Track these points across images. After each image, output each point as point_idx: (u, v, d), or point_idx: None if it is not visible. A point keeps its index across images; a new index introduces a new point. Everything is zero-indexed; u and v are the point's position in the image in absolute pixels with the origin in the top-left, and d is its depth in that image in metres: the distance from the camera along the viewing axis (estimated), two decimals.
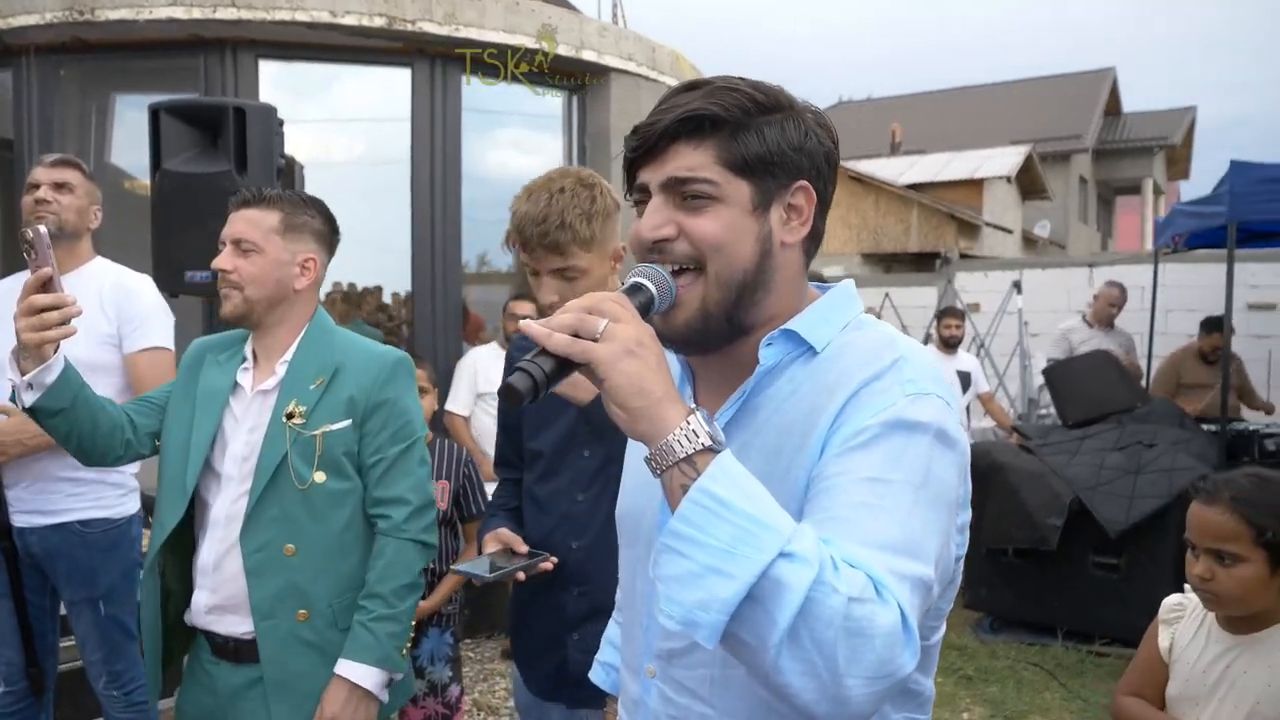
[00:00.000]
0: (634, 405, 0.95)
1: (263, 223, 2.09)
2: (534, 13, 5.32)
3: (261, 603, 2.00)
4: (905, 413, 1.02)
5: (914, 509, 0.97)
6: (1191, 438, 5.30)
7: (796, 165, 1.12)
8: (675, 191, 1.10)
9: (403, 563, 2.06)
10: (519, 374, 0.96)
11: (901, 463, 0.99)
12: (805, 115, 1.14)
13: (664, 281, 1.09)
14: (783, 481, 1.07)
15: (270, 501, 2.01)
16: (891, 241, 17.87)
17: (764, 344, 1.13)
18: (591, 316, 0.97)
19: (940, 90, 28.20)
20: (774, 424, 1.11)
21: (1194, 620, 2.00)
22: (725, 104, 1.08)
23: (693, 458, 0.93)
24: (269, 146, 3.93)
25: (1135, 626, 4.70)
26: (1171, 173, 26.33)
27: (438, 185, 5.38)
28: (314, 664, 2.02)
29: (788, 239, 1.14)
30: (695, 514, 0.90)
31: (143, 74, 5.56)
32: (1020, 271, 9.29)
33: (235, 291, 2.07)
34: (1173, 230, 6.37)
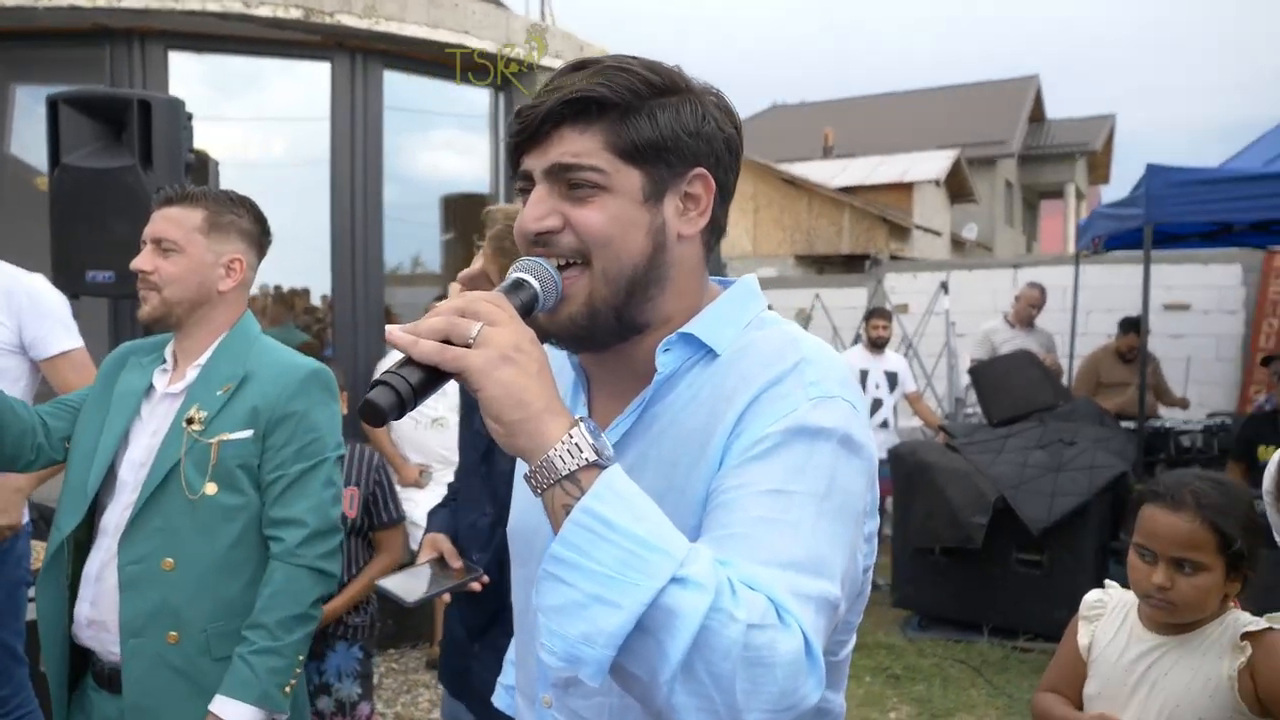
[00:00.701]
0: (511, 418, 0.86)
1: (185, 221, 1.99)
2: (456, 7, 5.20)
3: (132, 620, 1.86)
4: (808, 418, 0.95)
5: (818, 522, 0.91)
6: (1111, 436, 5.41)
7: (693, 151, 1.04)
8: (560, 179, 1.01)
9: (292, 591, 1.90)
10: (380, 388, 0.86)
11: (804, 473, 0.93)
12: (704, 98, 1.06)
13: (549, 277, 1.00)
14: (681, 495, 1.00)
15: (155, 511, 1.88)
16: (824, 243, 18.03)
17: (661, 349, 1.05)
18: (464, 320, 0.88)
19: (871, 95, 28.59)
20: (672, 433, 1.04)
21: (1115, 617, 1.96)
22: (615, 85, 1.00)
23: (576, 474, 0.85)
24: (176, 141, 3.77)
25: (1058, 622, 4.78)
26: (1093, 177, 27.08)
27: (358, 184, 5.24)
28: (180, 693, 1.86)
29: (684, 231, 1.06)
30: (578, 537, 0.82)
31: (45, 64, 5.31)
32: (948, 273, 9.42)
33: (153, 293, 1.97)
34: (1092, 233, 6.51)
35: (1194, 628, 1.84)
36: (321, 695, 2.93)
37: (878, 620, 5.64)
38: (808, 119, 26.44)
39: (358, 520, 3.02)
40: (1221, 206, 4.97)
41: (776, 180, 18.44)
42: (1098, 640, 1.96)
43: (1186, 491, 1.80)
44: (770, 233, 18.50)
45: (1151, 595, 1.82)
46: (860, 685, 4.66)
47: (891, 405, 6.22)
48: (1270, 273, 8.33)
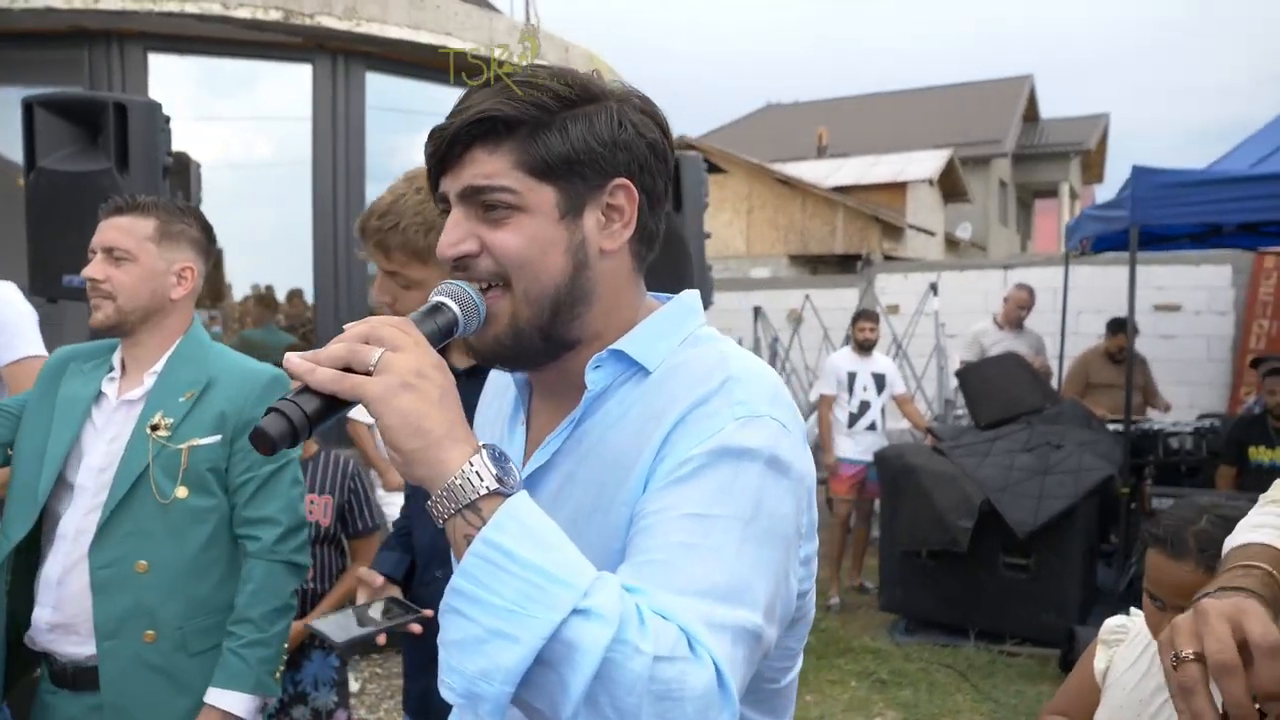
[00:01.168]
0: (409, 447, 0.83)
1: (136, 230, 2.00)
2: (438, 9, 5.17)
3: (106, 622, 1.90)
4: (733, 439, 0.92)
5: (742, 547, 0.88)
6: (1098, 438, 5.39)
7: (610, 162, 1.00)
8: (474, 201, 0.99)
9: (273, 586, 2.00)
10: (273, 416, 0.82)
11: (728, 495, 0.89)
12: (623, 104, 1.03)
13: (469, 299, 0.98)
14: (605, 516, 0.97)
15: (125, 515, 1.92)
16: (818, 243, 18.02)
17: (591, 366, 1.02)
18: (365, 346, 0.85)
19: (865, 94, 28.59)
20: (600, 452, 1.01)
21: (1136, 645, 1.85)
22: (520, 102, 0.97)
23: (477, 503, 0.82)
24: (153, 144, 3.73)
25: (1045, 625, 4.88)
26: (1087, 177, 27.10)
27: (340, 184, 5.20)
28: (159, 690, 1.92)
29: (607, 245, 1.02)
30: (478, 569, 0.79)
31: (23, 65, 5.27)
32: (938, 274, 9.40)
33: (107, 301, 1.98)
34: (1081, 234, 6.48)
35: None
36: (298, 704, 2.90)
37: (865, 624, 5.62)
38: (802, 119, 26.42)
39: (331, 528, 2.98)
40: (1208, 208, 4.94)
41: (770, 180, 18.42)
42: (1115, 667, 1.86)
43: (1189, 534, 1.69)
44: (764, 233, 18.48)
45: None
46: (846, 690, 4.64)
47: (879, 408, 6.19)
48: (1260, 274, 8.32)
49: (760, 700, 1.07)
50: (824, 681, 4.74)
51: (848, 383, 6.16)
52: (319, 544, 2.96)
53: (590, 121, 1.00)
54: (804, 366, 9.78)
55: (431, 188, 1.04)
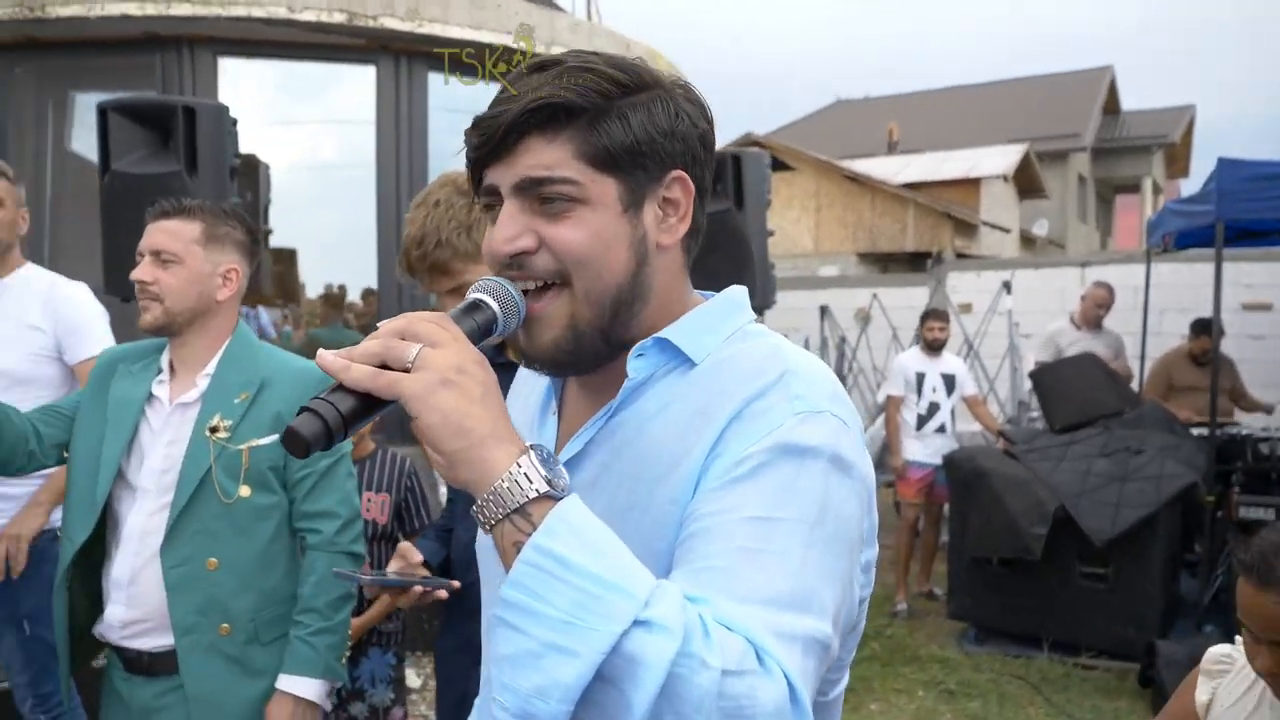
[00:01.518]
0: (451, 448, 0.79)
1: (183, 234, 2.03)
2: (500, 8, 5.18)
3: (183, 618, 1.96)
4: (794, 436, 0.86)
5: (808, 552, 0.82)
6: (1180, 443, 5.15)
7: (669, 153, 0.96)
8: (531, 194, 0.93)
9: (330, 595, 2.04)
10: (306, 416, 0.78)
11: (791, 496, 0.84)
12: (674, 93, 0.98)
13: (509, 299, 0.92)
14: (644, 514, 0.92)
15: (192, 516, 1.97)
16: (888, 241, 17.73)
17: (634, 354, 0.97)
18: (402, 343, 0.81)
19: (937, 89, 28.06)
20: (638, 446, 0.95)
21: (1243, 678, 1.72)
22: (581, 87, 0.91)
23: (526, 508, 0.77)
24: (221, 146, 3.80)
25: (1123, 638, 4.68)
26: (1171, 171, 26.20)
27: (403, 185, 5.25)
28: (234, 678, 2.00)
29: (664, 240, 0.98)
30: (530, 578, 0.74)
31: (100, 72, 5.44)
32: (1012, 272, 9.13)
33: (155, 303, 2.02)
34: (1163, 229, 6.21)
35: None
36: (355, 701, 2.92)
37: (932, 632, 5.47)
38: (872, 114, 26.04)
39: (388, 526, 2.99)
40: None
41: (839, 177, 18.18)
42: (1219, 699, 1.74)
43: (1276, 562, 1.57)
44: (833, 231, 18.25)
45: (1261, 674, 1.60)
46: (913, 700, 4.51)
47: (949, 409, 6.01)
48: None
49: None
50: (890, 690, 4.62)
51: (916, 383, 6.00)
52: (375, 541, 2.97)
53: (649, 110, 0.95)
54: (871, 367, 9.60)
55: (474, 182, 0.99)
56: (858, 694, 4.53)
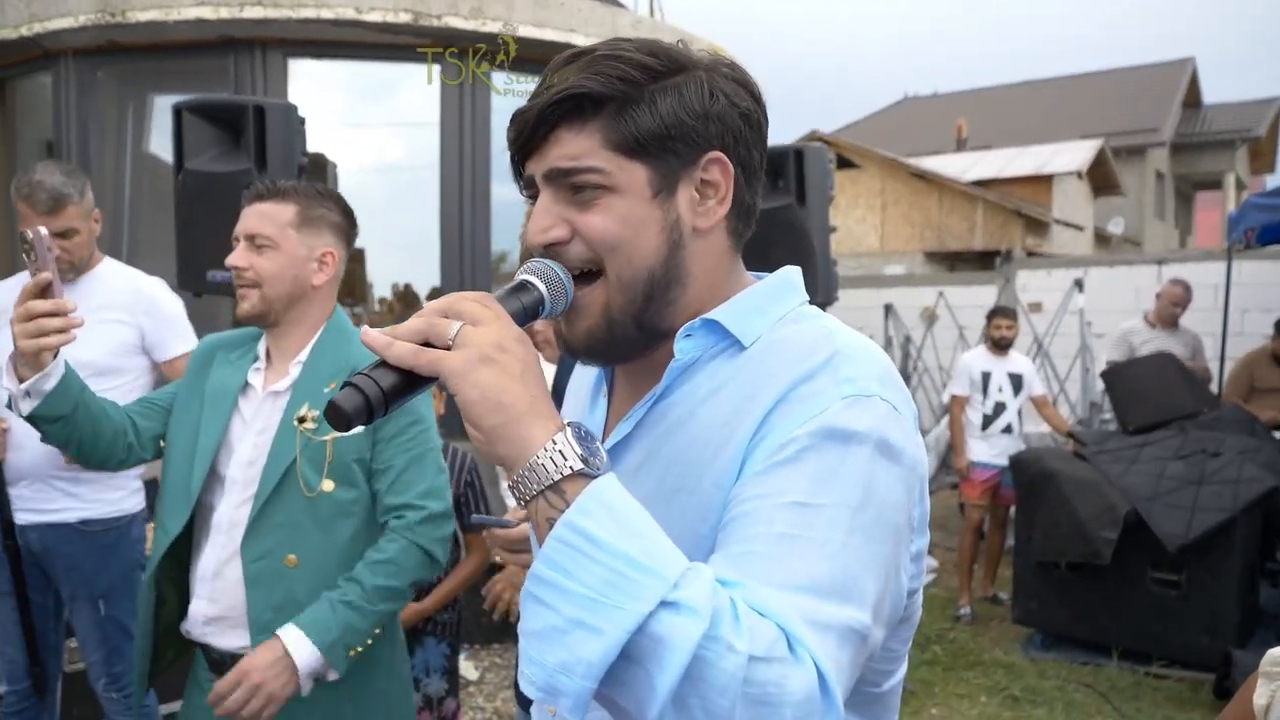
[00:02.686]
0: (489, 423, 0.79)
1: (278, 217, 1.97)
2: (563, 6, 5.21)
3: (260, 614, 1.88)
4: (839, 419, 0.85)
5: (849, 539, 0.81)
6: (1261, 446, 4.95)
7: (703, 134, 0.95)
8: (562, 184, 0.94)
9: (400, 564, 1.90)
10: (348, 390, 0.80)
11: (835, 481, 0.83)
12: (713, 73, 0.97)
13: (556, 279, 0.93)
14: (690, 497, 0.91)
15: (275, 508, 1.90)
16: (956, 239, 17.41)
17: (681, 334, 0.97)
18: (444, 320, 0.82)
19: (1008, 84, 27.47)
20: (687, 428, 0.95)
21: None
22: (605, 76, 0.92)
23: (560, 485, 0.77)
24: (290, 145, 3.88)
25: (1197, 648, 4.53)
26: (1255, 166, 25.26)
27: (466, 185, 5.31)
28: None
29: (701, 224, 0.97)
30: (561, 555, 0.75)
31: (177, 74, 5.60)
32: (1084, 270, 8.89)
33: (252, 290, 1.95)
34: (1245, 224, 5.99)
35: None
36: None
37: (996, 637, 5.35)
38: (940, 111, 25.60)
39: None
40: None
41: (905, 175, 17.91)
42: (1277, 705, 1.64)
43: None
44: (899, 229, 17.98)
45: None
46: (975, 705, 4.42)
47: (1016, 409, 5.88)
48: None
49: (859, 705, 0.99)
50: (952, 695, 4.54)
51: (981, 383, 5.88)
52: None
53: (680, 93, 0.94)
54: (937, 366, 9.43)
55: (516, 175, 1.00)
56: (919, 698, 4.46)
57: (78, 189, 2.81)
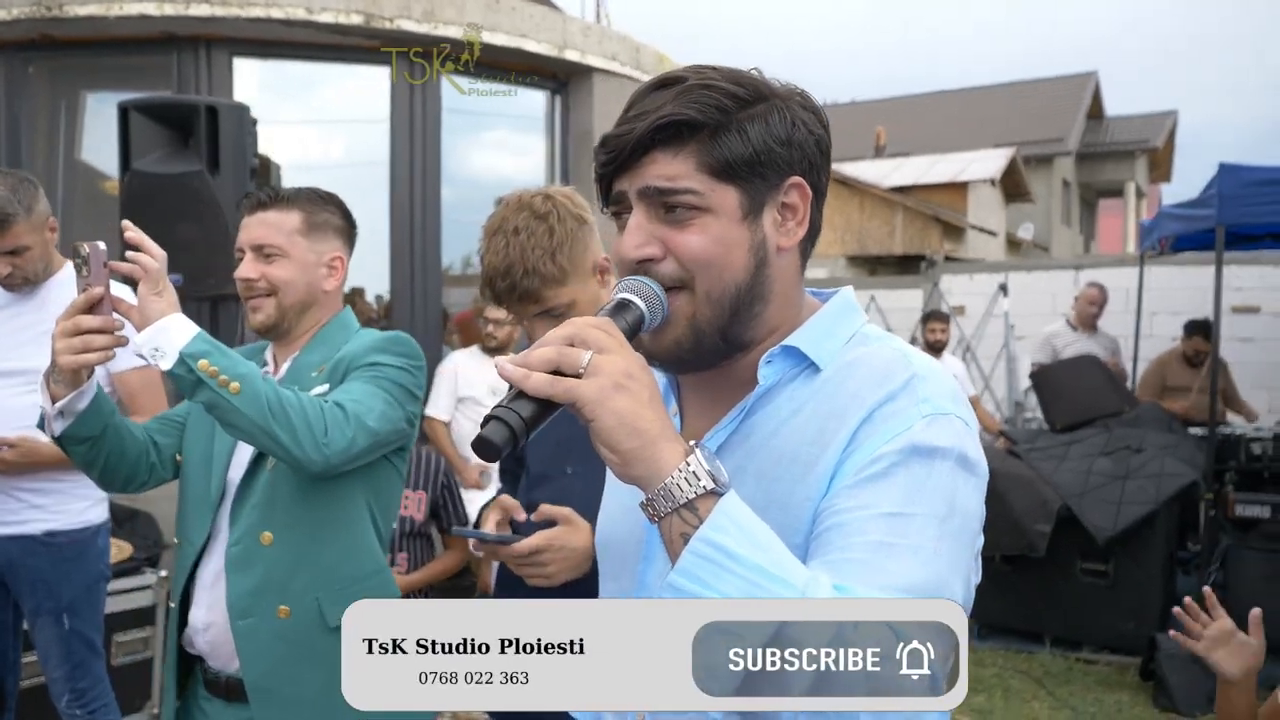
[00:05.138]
0: (627, 447, 0.86)
1: (284, 225, 1.95)
2: (514, 11, 5.23)
3: (238, 600, 1.85)
4: (923, 437, 0.93)
5: (939, 545, 0.90)
6: (1179, 442, 5.27)
7: (787, 161, 1.01)
8: (656, 203, 1.00)
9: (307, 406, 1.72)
10: (494, 424, 0.86)
11: (923, 494, 0.91)
12: (790, 103, 1.04)
13: (653, 296, 0.99)
14: (783, 510, 0.98)
15: (250, 489, 1.88)
16: (876, 244, 17.83)
17: (763, 362, 1.04)
18: (573, 350, 0.87)
19: (924, 93, 28.23)
20: (773, 447, 1.02)
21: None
22: (702, 105, 0.98)
23: (694, 503, 0.85)
24: (242, 146, 3.83)
25: (1124, 634, 4.78)
26: (1153, 175, 26.44)
27: (417, 186, 5.29)
28: (298, 667, 1.85)
29: (784, 243, 1.04)
30: (698, 567, 0.82)
31: (115, 71, 5.44)
32: (1006, 274, 9.26)
33: (267, 300, 1.93)
34: (1159, 233, 6.34)
35: None
36: None
37: None
38: (859, 118, 26.14)
39: (423, 524, 3.04)
40: None
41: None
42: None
43: None
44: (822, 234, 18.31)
45: None
46: None
47: None
48: None
49: None
50: None
51: None
52: (411, 538, 3.03)
53: (766, 121, 1.01)
54: None
55: (603, 192, 1.05)
56: None
57: (24, 205, 2.67)
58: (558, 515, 1.67)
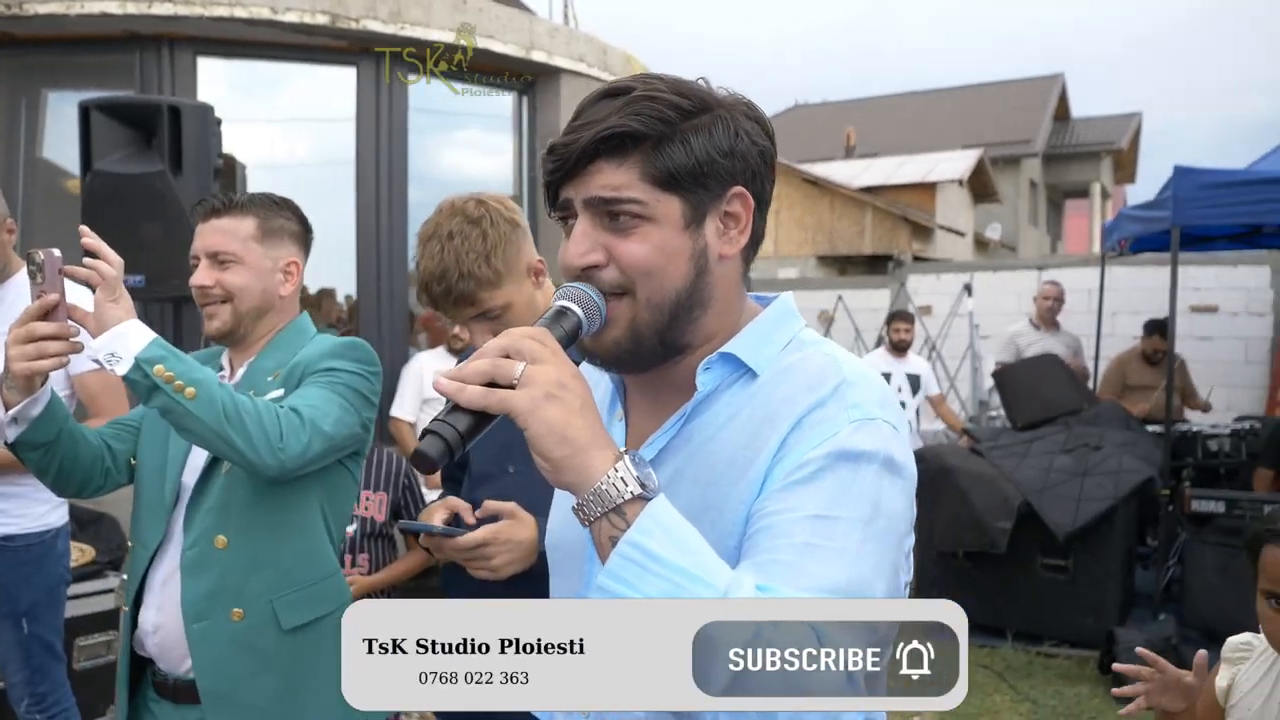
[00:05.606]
0: (557, 455, 0.89)
1: (238, 231, 1.95)
2: (481, 11, 5.23)
3: (193, 604, 1.85)
4: (850, 442, 0.96)
5: (863, 547, 0.93)
6: (1137, 439, 5.37)
7: (729, 171, 1.04)
8: (601, 211, 1.02)
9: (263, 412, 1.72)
10: (430, 438, 0.89)
11: (848, 497, 0.94)
12: (735, 113, 1.06)
13: (592, 303, 1.02)
14: (719, 513, 1.01)
15: (205, 493, 1.89)
16: (846, 244, 17.97)
17: (702, 368, 1.06)
18: (508, 361, 0.90)
19: (894, 94, 28.45)
20: (710, 451, 1.05)
21: (1262, 663, 1.80)
22: (645, 116, 1.00)
23: (622, 507, 0.88)
24: (206, 147, 3.80)
25: (1083, 627, 4.86)
26: (1118, 176, 26.81)
27: (383, 187, 5.28)
28: (252, 671, 1.86)
29: (726, 251, 1.07)
30: (624, 569, 0.85)
31: (76, 70, 5.38)
32: (971, 274, 9.37)
33: (223, 306, 1.94)
34: (1119, 234, 6.46)
35: None
36: None
37: None
38: (830, 118, 26.32)
39: (385, 524, 3.05)
40: (1249, 209, 4.91)
41: (798, 180, 18.38)
42: (1239, 685, 1.82)
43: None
44: (792, 233, 18.44)
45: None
46: None
47: (914, 408, 6.20)
48: None
49: None
50: None
51: None
52: (372, 538, 3.03)
53: (710, 132, 1.03)
54: None
55: (550, 198, 1.07)
56: None
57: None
58: (502, 510, 1.69)
